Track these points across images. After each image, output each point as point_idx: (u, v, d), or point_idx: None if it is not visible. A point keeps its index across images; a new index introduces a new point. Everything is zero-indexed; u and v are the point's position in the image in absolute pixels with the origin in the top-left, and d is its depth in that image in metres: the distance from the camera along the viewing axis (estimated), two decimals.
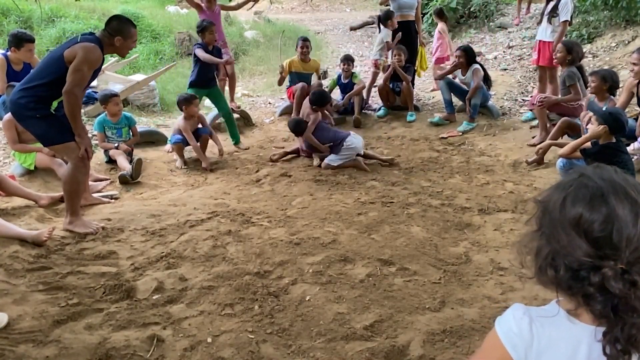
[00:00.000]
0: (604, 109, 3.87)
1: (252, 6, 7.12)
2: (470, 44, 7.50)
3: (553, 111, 5.22)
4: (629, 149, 4.03)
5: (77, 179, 3.49)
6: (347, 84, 6.58)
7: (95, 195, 4.11)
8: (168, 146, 5.46)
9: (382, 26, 6.70)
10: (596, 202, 0.89)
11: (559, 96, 5.21)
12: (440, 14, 7.82)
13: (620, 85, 4.97)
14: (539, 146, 4.67)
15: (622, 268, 0.86)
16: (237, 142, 5.80)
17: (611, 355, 0.88)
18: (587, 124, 4.11)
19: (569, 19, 5.73)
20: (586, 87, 5.04)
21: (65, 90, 3.18)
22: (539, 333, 0.97)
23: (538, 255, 0.96)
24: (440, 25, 7.74)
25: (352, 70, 6.61)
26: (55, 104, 3.34)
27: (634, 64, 4.38)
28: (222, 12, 6.71)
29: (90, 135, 5.83)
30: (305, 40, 6.53)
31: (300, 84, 6.30)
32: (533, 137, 5.29)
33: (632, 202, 0.87)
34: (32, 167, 4.41)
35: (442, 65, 7.59)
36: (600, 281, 0.87)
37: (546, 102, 5.11)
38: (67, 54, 3.23)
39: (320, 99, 5.24)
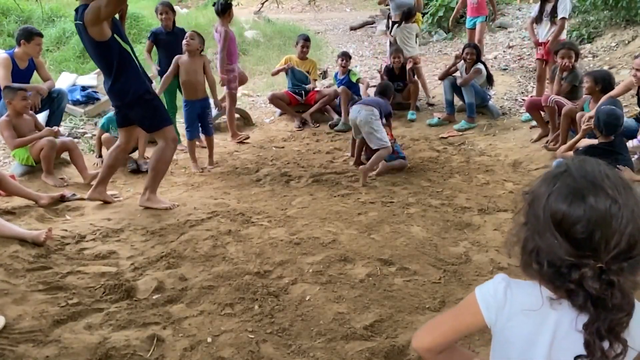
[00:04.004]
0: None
1: None
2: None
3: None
4: (628, 145, 4.02)
5: (168, 158, 3.62)
6: (343, 80, 6.59)
7: (109, 193, 4.07)
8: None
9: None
10: (577, 203, 0.91)
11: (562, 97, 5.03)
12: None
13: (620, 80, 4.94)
14: (560, 149, 4.33)
15: (601, 267, 0.90)
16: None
17: (589, 344, 0.92)
18: (585, 124, 4.11)
19: (567, 16, 5.71)
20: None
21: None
22: (512, 298, 1.02)
23: (524, 249, 1.00)
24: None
25: (350, 67, 6.65)
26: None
27: (637, 69, 4.31)
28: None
29: (91, 134, 5.84)
30: (306, 39, 6.64)
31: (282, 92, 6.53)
32: (544, 136, 5.20)
33: (611, 202, 0.90)
34: (33, 163, 4.45)
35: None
36: (579, 279, 0.91)
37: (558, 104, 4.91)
38: (88, 27, 3.15)
39: (385, 89, 5.21)
